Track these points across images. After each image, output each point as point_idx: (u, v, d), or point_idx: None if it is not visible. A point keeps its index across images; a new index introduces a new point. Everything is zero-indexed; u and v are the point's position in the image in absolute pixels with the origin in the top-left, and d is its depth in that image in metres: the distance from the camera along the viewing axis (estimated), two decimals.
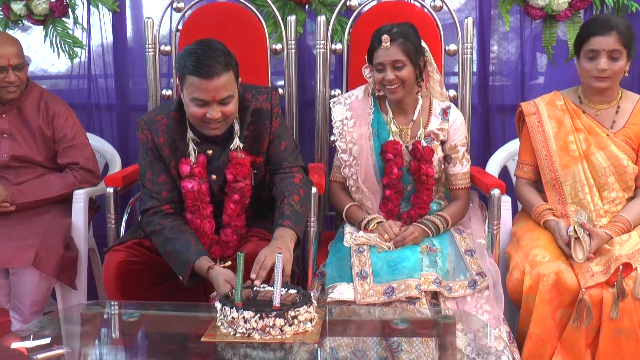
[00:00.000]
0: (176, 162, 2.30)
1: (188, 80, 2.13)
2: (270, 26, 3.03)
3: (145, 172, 2.32)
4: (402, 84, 2.44)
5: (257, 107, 2.32)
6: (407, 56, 2.42)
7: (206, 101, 2.13)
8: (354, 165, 2.51)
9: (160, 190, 2.30)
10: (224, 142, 2.31)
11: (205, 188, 2.30)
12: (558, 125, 2.51)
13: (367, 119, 2.54)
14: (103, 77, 3.28)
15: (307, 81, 3.20)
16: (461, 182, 2.57)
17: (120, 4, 3.20)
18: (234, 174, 2.29)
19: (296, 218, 2.24)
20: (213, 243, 2.33)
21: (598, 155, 2.46)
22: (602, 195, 2.48)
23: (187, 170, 2.28)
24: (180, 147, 2.30)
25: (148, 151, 2.30)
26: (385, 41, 2.41)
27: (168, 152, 2.29)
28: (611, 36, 2.37)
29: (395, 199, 2.52)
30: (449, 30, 2.98)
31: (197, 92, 2.12)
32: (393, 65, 2.42)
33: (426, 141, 2.53)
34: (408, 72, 2.43)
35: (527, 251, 2.36)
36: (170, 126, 2.29)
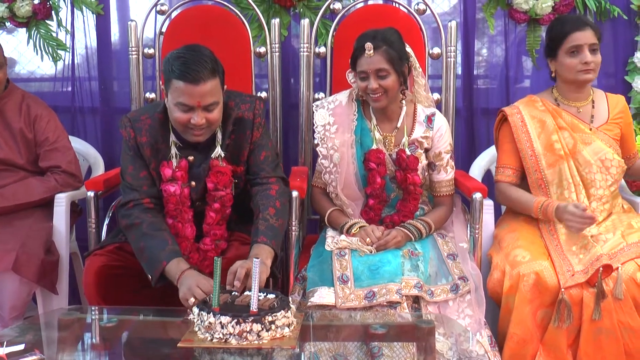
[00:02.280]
0: (156, 164, 2.28)
1: (174, 85, 2.11)
2: (254, 29, 3.02)
3: (127, 166, 2.29)
4: (386, 92, 2.40)
5: (240, 116, 2.29)
6: (391, 64, 2.38)
7: (191, 106, 2.11)
8: (334, 172, 2.48)
9: (141, 184, 2.27)
10: (206, 150, 2.29)
11: (187, 192, 2.28)
12: (541, 125, 2.51)
13: (350, 125, 2.51)
14: (87, 80, 3.25)
15: (292, 84, 3.19)
16: (445, 189, 2.55)
17: (104, 6, 3.18)
18: (215, 183, 2.28)
19: (272, 232, 2.19)
20: (193, 249, 2.30)
21: (585, 152, 2.47)
22: (588, 193, 2.48)
23: (169, 174, 2.26)
24: (162, 150, 2.28)
25: (131, 148, 2.28)
26: (368, 49, 2.36)
27: (149, 152, 2.27)
28: (588, 31, 2.44)
29: (378, 208, 2.50)
30: (434, 34, 2.97)
31: (183, 97, 2.10)
32: (376, 74, 2.38)
33: (410, 149, 2.50)
34: (392, 81, 2.39)
35: (507, 252, 2.35)
36: (154, 127, 2.27)
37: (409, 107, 2.54)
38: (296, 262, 2.47)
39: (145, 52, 2.97)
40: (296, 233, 2.46)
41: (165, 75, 2.14)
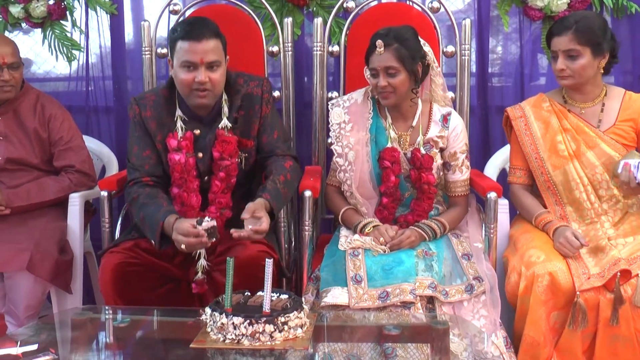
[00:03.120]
0: (162, 137, 2.36)
1: (178, 46, 2.25)
2: (267, 28, 3.01)
3: (132, 147, 2.39)
4: (395, 91, 2.39)
5: (249, 92, 2.40)
6: (401, 63, 2.36)
7: (195, 64, 2.23)
8: (349, 170, 2.47)
9: (144, 163, 2.37)
10: (211, 123, 2.38)
11: (192, 162, 2.35)
12: (545, 127, 2.48)
13: (365, 124, 2.50)
14: (101, 80, 3.25)
15: (305, 83, 3.17)
16: (460, 189, 2.53)
17: (118, 6, 3.18)
18: (220, 152, 2.35)
19: (276, 195, 2.27)
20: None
21: (588, 154, 2.43)
22: (598, 194, 2.43)
23: (175, 144, 2.34)
24: (168, 124, 2.37)
25: (136, 126, 2.38)
26: (379, 46, 2.35)
27: (154, 125, 2.37)
28: (566, 36, 2.37)
29: (392, 207, 2.48)
30: (448, 32, 2.95)
31: (187, 55, 2.23)
32: (386, 72, 2.37)
33: (425, 148, 2.48)
34: (401, 80, 2.38)
35: (522, 252, 2.32)
36: (159, 103, 2.38)
37: (425, 106, 2.53)
38: (309, 262, 2.45)
39: (158, 52, 2.98)
40: (309, 233, 2.45)
41: (170, 43, 2.28)
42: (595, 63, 2.39)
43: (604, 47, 2.38)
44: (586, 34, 2.36)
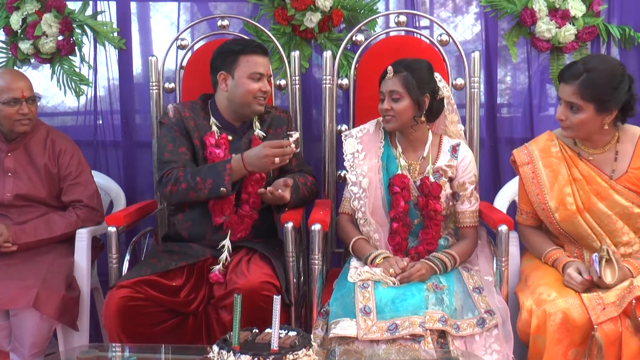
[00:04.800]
0: (200, 135, 2.57)
1: (244, 60, 2.54)
2: (275, 62, 3.04)
3: (165, 146, 2.55)
4: (396, 116, 2.45)
5: (277, 114, 2.72)
6: (406, 89, 2.42)
7: (262, 75, 2.55)
8: (364, 197, 2.50)
9: (180, 158, 2.53)
10: (242, 133, 2.64)
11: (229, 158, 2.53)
12: (554, 175, 2.40)
13: (377, 152, 2.55)
14: (109, 114, 3.28)
15: (314, 116, 3.19)
16: (469, 220, 2.53)
17: (126, 41, 3.22)
18: None
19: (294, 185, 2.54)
20: (232, 212, 2.54)
21: (600, 205, 2.35)
22: (614, 241, 2.37)
23: (213, 142, 2.56)
24: (203, 127, 2.59)
25: (173, 126, 2.57)
26: (389, 72, 2.45)
27: (193, 124, 2.58)
28: (570, 86, 2.27)
29: (403, 232, 2.49)
30: (456, 62, 2.96)
31: (257, 67, 2.54)
32: (391, 96, 2.44)
33: (434, 177, 2.51)
34: (404, 106, 2.43)
35: (533, 290, 2.29)
36: (195, 108, 2.63)
37: (435, 138, 2.57)
38: (319, 296, 2.44)
39: (166, 86, 3.01)
40: (319, 267, 2.43)
41: (230, 58, 2.54)
42: (598, 119, 2.28)
43: (611, 104, 2.26)
44: (592, 89, 2.24)
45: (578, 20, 3.03)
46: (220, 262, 2.48)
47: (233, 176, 2.44)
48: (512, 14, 3.07)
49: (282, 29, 3.08)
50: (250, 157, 2.44)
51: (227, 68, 2.56)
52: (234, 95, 2.56)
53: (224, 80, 2.57)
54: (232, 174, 2.43)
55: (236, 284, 2.31)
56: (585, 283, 2.23)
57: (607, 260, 2.23)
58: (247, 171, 2.46)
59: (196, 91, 2.78)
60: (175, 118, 2.58)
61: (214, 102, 2.64)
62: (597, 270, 2.21)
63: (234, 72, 2.55)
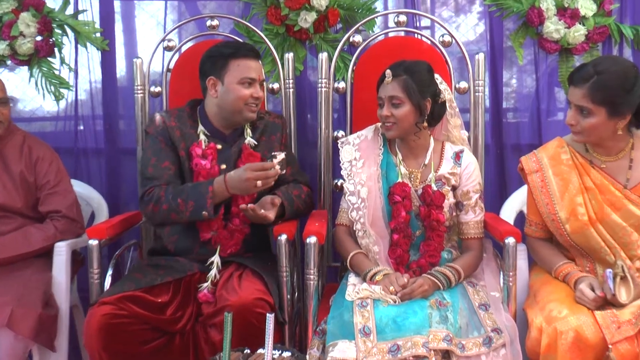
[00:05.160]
0: (186, 145, 2.56)
1: (235, 64, 2.52)
2: (267, 64, 3.03)
3: (149, 159, 2.53)
4: (397, 122, 2.44)
5: (270, 120, 2.70)
6: (406, 94, 2.41)
7: (254, 80, 2.53)
8: (362, 207, 2.48)
9: (162, 174, 2.51)
10: (232, 141, 2.62)
11: (217, 170, 2.54)
12: (564, 184, 2.38)
13: (376, 159, 2.54)
14: (91, 119, 3.24)
15: (308, 120, 3.18)
16: (474, 231, 2.51)
17: (109, 42, 3.19)
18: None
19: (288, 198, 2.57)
20: (221, 226, 2.54)
21: (613, 216, 2.32)
22: (628, 255, 2.33)
23: (200, 152, 2.55)
24: (190, 136, 2.58)
25: (158, 136, 2.55)
26: (388, 76, 2.43)
27: (179, 133, 2.56)
28: (580, 89, 2.24)
29: (404, 243, 2.47)
30: (459, 64, 2.94)
31: (249, 72, 2.52)
32: (390, 102, 2.43)
33: (437, 185, 2.49)
34: (404, 112, 2.42)
35: (542, 306, 2.25)
36: (182, 116, 2.61)
37: (437, 144, 2.56)
38: (315, 314, 2.41)
39: (151, 90, 2.99)
40: (314, 282, 2.41)
41: (220, 62, 2.52)
42: (610, 124, 2.26)
43: (623, 108, 2.24)
44: (603, 92, 2.21)
45: (588, 20, 3.01)
46: (208, 279, 2.46)
47: (216, 199, 2.43)
48: (518, 13, 3.06)
49: (275, 29, 3.07)
50: (233, 180, 2.41)
51: (216, 73, 2.55)
52: (224, 101, 2.55)
53: (213, 85, 2.56)
54: (214, 196, 2.42)
55: (227, 300, 2.28)
56: (598, 300, 2.19)
57: (622, 278, 2.20)
58: (229, 194, 2.44)
59: (184, 95, 2.77)
60: (161, 127, 2.57)
61: (203, 109, 2.63)
62: (611, 287, 2.18)
63: (223, 78, 2.54)
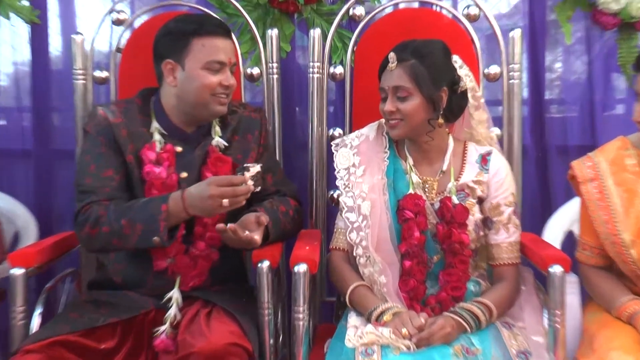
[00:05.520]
0: (135, 148, 2.54)
1: (198, 44, 2.49)
2: (245, 43, 3.06)
3: (87, 165, 2.51)
4: (404, 119, 2.44)
5: (246, 115, 2.71)
6: (415, 83, 2.40)
7: (223, 64, 2.51)
8: (364, 227, 2.48)
9: (104, 185, 2.49)
10: (196, 142, 2.61)
11: (175, 179, 2.54)
12: (629, 197, 2.40)
13: (380, 165, 2.55)
14: (16, 112, 3.27)
15: (297, 116, 3.22)
16: (507, 256, 2.52)
17: (41, 14, 3.20)
18: (214, 172, 2.52)
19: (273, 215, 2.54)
20: (180, 252, 2.51)
21: None
22: None
23: (153, 157, 2.52)
24: (142, 136, 2.56)
25: (98, 137, 2.52)
26: (391, 60, 2.43)
27: (126, 133, 2.54)
28: None
29: (419, 272, 2.47)
30: (488, 45, 2.96)
31: (217, 54, 2.50)
32: (395, 93, 2.43)
33: (458, 197, 2.50)
34: (413, 105, 2.41)
35: (601, 356, 2.26)
36: (131, 110, 2.59)
37: (458, 145, 2.57)
38: None
39: (95, 75, 3.00)
40: (304, 322, 2.39)
41: (180, 41, 2.50)
42: None
43: None
44: None
45: None
46: (167, 320, 2.44)
47: (171, 220, 2.40)
48: None
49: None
50: (192, 197, 2.39)
51: (175, 55, 2.52)
52: (185, 91, 2.54)
53: (171, 71, 2.54)
54: (169, 217, 2.39)
55: (191, 347, 2.25)
56: None
57: None
58: (188, 215, 2.42)
59: (138, 82, 2.77)
60: (103, 125, 2.54)
61: (158, 101, 2.62)
62: None
63: (184, 61, 2.51)
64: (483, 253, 2.57)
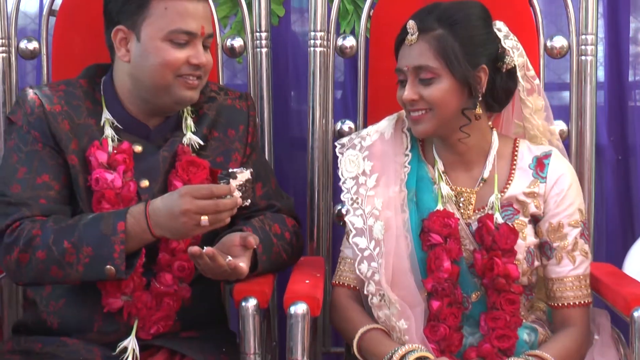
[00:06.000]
0: (80, 146, 2.54)
1: (159, 5, 2.48)
2: (223, 5, 3.12)
3: (14, 169, 2.50)
4: (432, 109, 2.44)
5: (228, 104, 2.73)
6: (444, 61, 2.41)
7: (193, 35, 2.49)
8: (377, 256, 2.49)
9: (37, 195, 2.47)
10: (161, 140, 2.63)
11: (133, 190, 2.54)
12: None
13: (399, 173, 2.57)
14: None
15: (293, 102, 3.27)
16: (573, 293, 2.54)
17: None
18: (186, 180, 2.53)
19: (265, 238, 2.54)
20: (139, 287, 2.49)
21: None
22: None
23: (104, 159, 2.52)
24: (87, 129, 2.57)
25: (31, 130, 2.52)
26: (411, 31, 2.45)
27: (68, 125, 2.54)
28: None
29: (452, 315, 2.48)
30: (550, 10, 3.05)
31: (183, 21, 2.48)
32: (416, 75, 2.45)
33: (504, 215, 2.52)
34: (441, 90, 2.43)
35: None
36: (74, 95, 2.60)
37: (505, 143, 2.59)
38: None
39: (21, 47, 3.02)
40: None
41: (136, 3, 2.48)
42: None
43: None
44: None
45: None
46: None
47: (130, 244, 2.37)
48: None
49: None
50: (160, 213, 2.37)
51: (128, 20, 2.51)
52: (140, 70, 2.54)
53: (123, 41, 2.54)
54: (128, 240, 2.36)
55: None
56: None
57: None
58: (153, 237, 2.39)
59: (78, 58, 2.82)
60: (36, 115, 2.52)
61: (110, 83, 2.63)
62: None
63: (139, 28, 2.50)
64: (541, 290, 2.60)
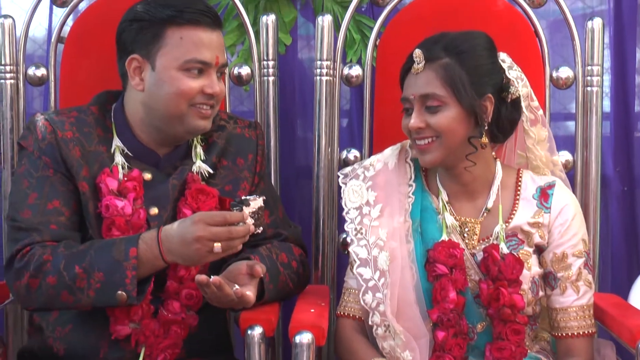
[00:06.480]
0: (91, 173, 2.56)
1: (175, 35, 2.49)
2: (231, 33, 3.14)
3: (25, 194, 2.51)
4: (439, 137, 2.46)
5: (238, 132, 2.74)
6: (451, 89, 2.44)
7: (207, 65, 2.51)
8: (382, 286, 2.51)
9: (48, 221, 2.48)
10: (170, 168, 2.64)
11: (143, 217, 2.54)
12: None
13: (403, 203, 2.59)
14: None
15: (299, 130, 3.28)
16: (577, 323, 2.55)
17: None
18: (195, 208, 2.54)
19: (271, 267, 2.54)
20: (147, 315, 2.49)
21: None
22: None
23: (114, 186, 2.53)
24: (98, 156, 2.58)
25: (42, 156, 2.53)
26: (417, 60, 2.48)
27: (79, 152, 2.55)
28: None
29: (457, 346, 2.49)
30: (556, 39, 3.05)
31: (198, 51, 2.49)
32: (423, 104, 2.47)
33: (509, 245, 2.53)
34: (448, 118, 2.46)
35: None
36: (84, 121, 2.61)
37: (508, 173, 2.61)
38: None
39: (29, 74, 3.03)
40: None
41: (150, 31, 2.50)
42: None
43: None
44: None
45: None
46: None
47: (142, 269, 2.38)
48: None
49: None
50: (172, 239, 2.37)
51: (143, 49, 2.52)
52: (154, 99, 2.54)
53: (137, 70, 2.54)
54: (140, 266, 2.37)
55: None
56: None
57: None
58: (165, 263, 2.41)
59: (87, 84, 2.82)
60: (47, 141, 2.53)
61: (121, 110, 2.64)
62: None
63: (155, 57, 2.51)
64: (545, 320, 2.61)
